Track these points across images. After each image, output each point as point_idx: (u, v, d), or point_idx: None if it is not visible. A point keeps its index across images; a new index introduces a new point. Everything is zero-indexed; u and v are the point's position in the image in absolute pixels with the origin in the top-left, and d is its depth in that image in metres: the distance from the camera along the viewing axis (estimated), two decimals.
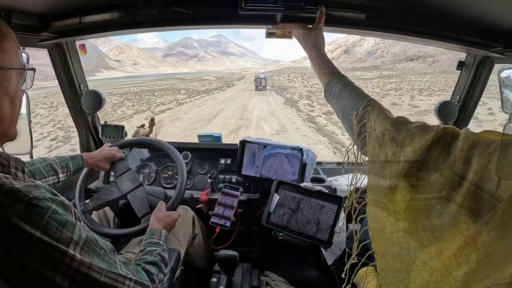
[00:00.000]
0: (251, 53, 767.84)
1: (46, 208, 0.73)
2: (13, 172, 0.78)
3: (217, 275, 1.63)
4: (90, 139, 2.32)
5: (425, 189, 0.76)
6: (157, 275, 1.06)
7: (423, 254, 0.76)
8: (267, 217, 1.62)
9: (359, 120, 0.92)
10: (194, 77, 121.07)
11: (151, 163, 2.23)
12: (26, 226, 0.68)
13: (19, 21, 1.38)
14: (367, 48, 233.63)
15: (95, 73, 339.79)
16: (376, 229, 0.90)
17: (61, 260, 0.73)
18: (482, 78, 1.86)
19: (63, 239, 0.74)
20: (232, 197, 1.78)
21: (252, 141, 1.94)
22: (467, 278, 0.66)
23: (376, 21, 1.39)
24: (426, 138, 0.76)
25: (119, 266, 0.88)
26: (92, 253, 0.81)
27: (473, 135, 0.71)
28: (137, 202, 1.65)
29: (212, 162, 2.23)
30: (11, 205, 0.68)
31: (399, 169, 0.79)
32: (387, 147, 0.82)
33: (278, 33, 1.36)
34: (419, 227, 0.77)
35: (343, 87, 1.02)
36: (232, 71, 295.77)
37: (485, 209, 0.65)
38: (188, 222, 1.85)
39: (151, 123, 2.25)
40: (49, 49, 1.88)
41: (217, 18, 1.42)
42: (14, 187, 0.71)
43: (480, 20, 1.34)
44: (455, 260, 0.69)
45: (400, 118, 0.86)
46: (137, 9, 1.39)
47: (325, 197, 1.56)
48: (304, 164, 1.87)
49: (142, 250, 1.21)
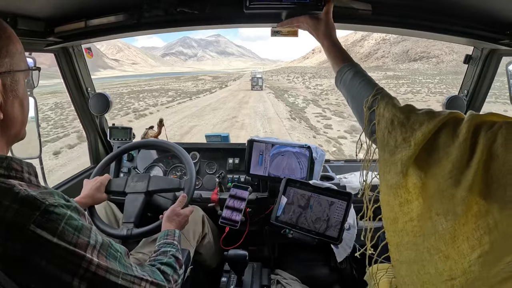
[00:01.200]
0: (250, 53, 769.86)
1: (62, 215, 0.73)
2: (26, 177, 0.78)
3: (227, 274, 1.64)
4: (99, 141, 2.34)
5: (435, 172, 0.76)
6: (172, 275, 1.06)
7: (437, 241, 0.76)
8: (277, 216, 1.61)
9: (369, 107, 0.94)
10: (189, 77, 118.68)
11: (160, 164, 2.24)
12: (43, 232, 0.69)
13: (26, 27, 1.39)
14: (367, 48, 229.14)
15: (94, 72, 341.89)
16: (390, 219, 0.91)
17: (79, 265, 0.73)
18: (490, 71, 1.85)
19: (80, 244, 0.75)
20: (241, 196, 1.78)
21: (260, 140, 1.94)
22: (483, 261, 0.67)
23: (382, 16, 1.38)
24: (434, 123, 0.77)
25: (134, 268, 0.89)
26: (108, 256, 0.82)
27: (478, 116, 0.73)
28: (164, 183, 1.66)
29: (220, 162, 2.23)
30: (27, 213, 0.69)
31: (410, 153, 0.80)
32: (397, 133, 0.84)
33: (283, 31, 1.36)
34: (432, 212, 0.78)
35: (354, 75, 1.03)
36: (229, 71, 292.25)
37: (494, 187, 0.66)
38: (198, 221, 1.86)
39: (160, 124, 2.25)
40: (56, 54, 1.90)
41: (222, 18, 1.42)
42: (29, 194, 0.71)
43: (486, 13, 1.33)
44: (468, 244, 0.70)
45: (408, 105, 0.88)
46: (142, 11, 1.39)
47: (335, 194, 1.56)
48: (313, 161, 1.86)
49: (156, 251, 1.21)
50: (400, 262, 0.89)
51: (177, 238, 1.31)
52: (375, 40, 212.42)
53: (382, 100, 0.91)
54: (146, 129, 2.30)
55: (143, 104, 36.20)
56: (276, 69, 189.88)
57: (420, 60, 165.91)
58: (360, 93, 0.99)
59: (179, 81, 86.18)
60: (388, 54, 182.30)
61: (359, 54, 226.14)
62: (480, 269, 0.67)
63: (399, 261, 0.90)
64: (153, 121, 2.34)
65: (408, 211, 0.85)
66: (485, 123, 0.71)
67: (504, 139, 0.65)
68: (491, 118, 0.73)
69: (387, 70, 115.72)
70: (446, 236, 0.74)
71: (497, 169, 0.65)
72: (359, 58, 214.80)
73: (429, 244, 0.78)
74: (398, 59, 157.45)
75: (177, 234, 1.34)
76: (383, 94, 0.93)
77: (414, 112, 0.84)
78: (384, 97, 0.91)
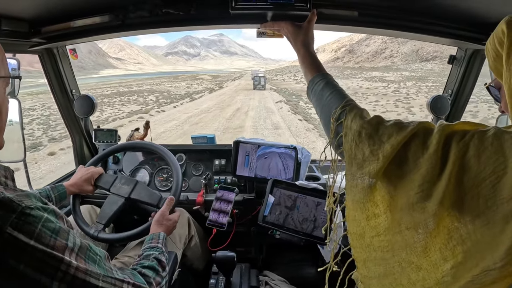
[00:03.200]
0: (252, 53, 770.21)
1: (39, 217, 0.73)
2: (3, 181, 0.78)
3: (215, 276, 1.63)
4: (84, 144, 2.31)
5: (405, 185, 0.74)
6: (154, 278, 1.07)
7: (408, 254, 0.75)
8: (264, 217, 1.62)
9: (336, 119, 0.91)
10: (187, 76, 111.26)
11: (146, 166, 2.22)
12: (20, 235, 0.69)
13: (9, 27, 1.38)
14: (373, 48, 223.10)
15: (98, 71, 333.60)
16: (356, 234, 0.89)
17: (58, 267, 0.73)
18: (474, 71, 1.89)
19: (57, 246, 0.74)
20: (227, 198, 1.79)
21: (246, 141, 1.94)
22: (456, 271, 0.67)
23: (367, 17, 1.40)
24: (404, 134, 0.75)
25: (115, 271, 0.89)
26: (88, 259, 0.82)
27: (448, 126, 0.72)
28: (145, 195, 1.65)
29: (206, 164, 2.23)
30: (3, 215, 0.68)
31: (378, 167, 0.77)
32: (364, 146, 0.81)
33: (269, 33, 1.37)
34: (402, 226, 0.76)
35: (325, 86, 1.01)
36: (231, 71, 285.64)
37: (466, 198, 0.66)
38: (183, 224, 1.85)
39: (146, 126, 2.24)
40: (40, 55, 1.87)
41: (207, 18, 1.43)
42: (5, 196, 0.70)
43: (470, 13, 1.36)
44: (441, 255, 0.70)
45: (377, 116, 0.85)
46: (127, 12, 1.39)
47: (321, 194, 1.57)
48: (298, 162, 1.87)
49: (140, 255, 1.22)
50: (369, 277, 0.88)
51: (161, 240, 1.32)
52: (381, 39, 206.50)
53: (350, 112, 0.88)
54: (132, 131, 2.28)
55: (107, 113, 26.15)
56: (280, 68, 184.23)
57: (433, 60, 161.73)
58: (329, 104, 0.95)
59: (175, 81, 79.10)
60: (396, 53, 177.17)
61: (365, 54, 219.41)
62: (452, 280, 0.67)
63: (368, 277, 0.89)
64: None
65: (375, 225, 0.84)
66: (456, 133, 0.70)
67: (476, 149, 0.65)
68: (462, 127, 0.72)
69: (399, 70, 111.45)
70: (418, 249, 0.73)
71: (470, 181, 0.65)
72: (365, 58, 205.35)
73: (400, 258, 0.78)
74: (408, 58, 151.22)
75: (161, 236, 1.34)
76: (352, 105, 0.90)
77: (382, 123, 0.81)
78: (352, 109, 0.88)
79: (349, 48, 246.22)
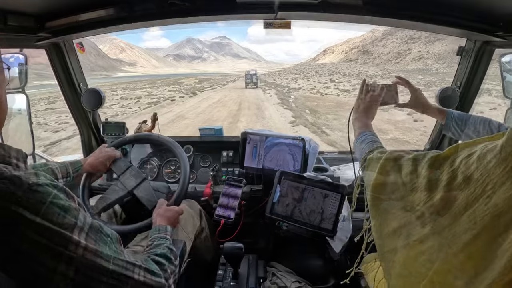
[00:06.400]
0: (255, 55, 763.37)
1: (47, 193, 0.70)
2: (14, 162, 0.74)
3: (223, 267, 1.64)
4: (92, 137, 2.32)
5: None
6: (169, 266, 1.04)
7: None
8: (271, 208, 1.62)
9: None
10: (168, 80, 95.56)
11: (154, 158, 2.24)
12: (25, 212, 0.66)
13: (15, 23, 1.39)
14: (392, 48, 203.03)
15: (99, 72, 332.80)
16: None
17: (65, 247, 0.70)
18: (483, 63, 1.85)
19: (66, 224, 0.71)
20: (234, 194, 1.79)
21: (254, 133, 1.94)
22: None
23: (374, 7, 1.38)
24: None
25: (126, 255, 0.85)
26: (98, 240, 0.78)
27: (390, 154, 0.90)
28: (145, 196, 1.66)
29: (214, 155, 2.24)
30: (10, 193, 0.66)
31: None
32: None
33: (276, 24, 1.35)
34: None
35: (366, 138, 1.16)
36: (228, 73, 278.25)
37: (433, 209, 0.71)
38: (195, 215, 1.85)
39: (153, 118, 2.23)
40: (47, 49, 1.87)
41: (214, 9, 1.41)
42: (13, 174, 0.68)
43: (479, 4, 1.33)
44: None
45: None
46: (132, 4, 1.38)
47: (329, 186, 1.56)
48: (306, 154, 1.86)
49: (150, 245, 1.20)
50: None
51: (169, 233, 1.32)
52: (400, 39, 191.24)
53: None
54: (140, 124, 2.29)
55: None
56: (287, 67, 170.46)
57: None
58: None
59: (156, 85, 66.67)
60: (427, 54, 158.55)
61: (383, 55, 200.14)
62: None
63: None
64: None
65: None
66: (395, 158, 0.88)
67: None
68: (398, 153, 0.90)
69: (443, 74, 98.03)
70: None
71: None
72: (387, 59, 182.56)
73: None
74: (446, 60, 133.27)
75: (169, 229, 1.34)
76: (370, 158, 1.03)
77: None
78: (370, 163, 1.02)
79: (363, 49, 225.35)
